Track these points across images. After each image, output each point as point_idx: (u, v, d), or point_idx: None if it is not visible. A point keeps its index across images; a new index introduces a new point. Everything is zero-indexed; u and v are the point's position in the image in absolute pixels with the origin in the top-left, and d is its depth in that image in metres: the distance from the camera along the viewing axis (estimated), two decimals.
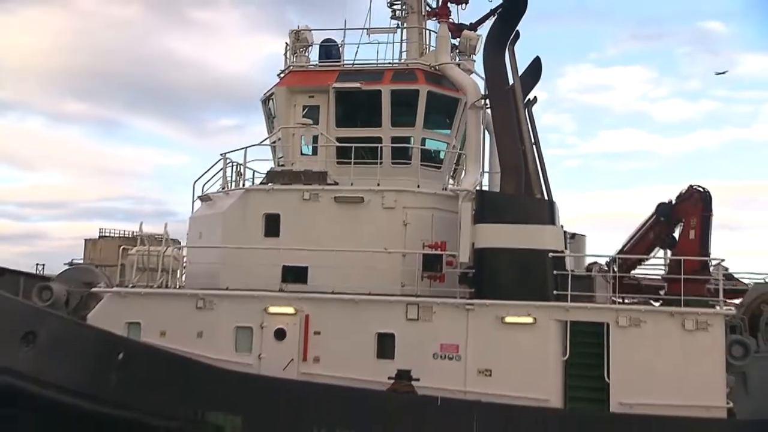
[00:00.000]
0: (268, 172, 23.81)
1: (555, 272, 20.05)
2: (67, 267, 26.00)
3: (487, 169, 24.15)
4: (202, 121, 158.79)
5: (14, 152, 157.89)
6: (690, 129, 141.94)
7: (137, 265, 22.40)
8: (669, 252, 21.56)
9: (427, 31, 25.69)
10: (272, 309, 20.70)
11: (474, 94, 22.74)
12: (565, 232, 22.53)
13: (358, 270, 20.75)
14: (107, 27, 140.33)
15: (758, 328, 20.73)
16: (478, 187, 21.81)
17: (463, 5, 25.01)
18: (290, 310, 20.63)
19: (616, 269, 21.10)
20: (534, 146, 22.55)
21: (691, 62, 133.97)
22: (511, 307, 19.69)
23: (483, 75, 23.46)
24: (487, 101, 22.34)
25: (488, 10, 25.52)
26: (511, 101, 21.72)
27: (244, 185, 23.77)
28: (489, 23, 25.40)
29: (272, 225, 22.28)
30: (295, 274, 21.43)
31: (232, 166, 24.47)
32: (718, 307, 19.48)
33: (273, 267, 21.39)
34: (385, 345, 20.13)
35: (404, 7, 25.85)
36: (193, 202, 24.60)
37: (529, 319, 19.61)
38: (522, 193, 20.91)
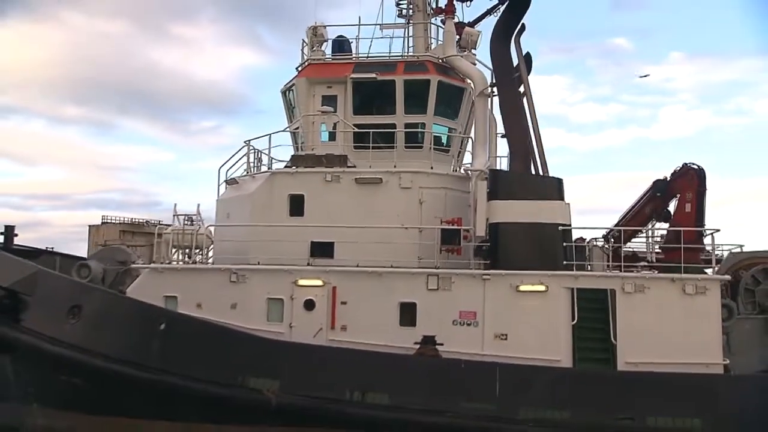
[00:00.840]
0: (292, 156, 22.93)
1: (564, 244, 19.57)
2: (101, 247, 24.97)
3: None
4: (185, 122, 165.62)
5: (18, 151, 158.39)
6: (601, 128, 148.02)
7: (172, 243, 21.44)
8: (659, 225, 21.25)
9: (432, 27, 24.93)
10: (302, 282, 19.94)
11: (481, 83, 22.25)
12: None
13: (378, 245, 20.04)
14: (97, 40, 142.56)
15: (737, 292, 20.40)
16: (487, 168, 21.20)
17: (468, 3, 24.40)
18: (318, 282, 19.89)
19: (613, 241, 20.75)
20: None
21: (602, 72, 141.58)
22: (525, 277, 19.14)
23: (485, 67, 23.00)
24: (495, 89, 21.73)
25: (484, 10, 25.34)
26: (517, 87, 21.17)
27: (270, 168, 22.87)
28: (485, 21, 25.06)
29: (297, 205, 21.48)
30: (322, 249, 20.62)
31: (254, 152, 23.63)
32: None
33: (300, 243, 20.57)
34: (408, 313, 19.46)
35: (410, 5, 25.14)
36: (218, 186, 23.65)
37: (542, 287, 19.09)
38: (530, 172, 20.40)
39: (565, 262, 19.51)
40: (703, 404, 17.17)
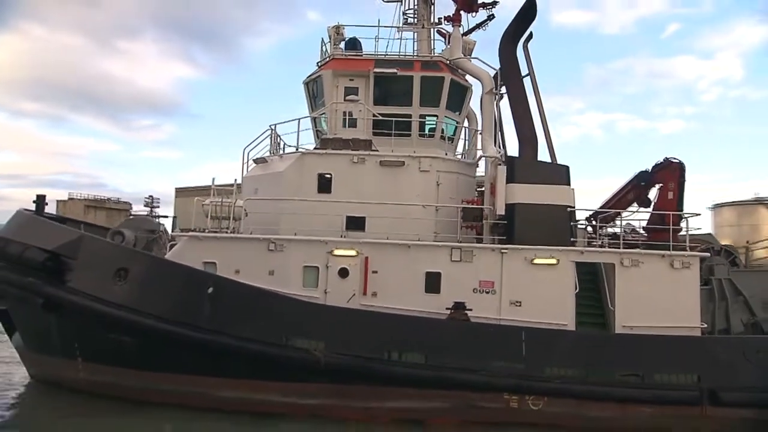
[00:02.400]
0: (321, 139, 20.56)
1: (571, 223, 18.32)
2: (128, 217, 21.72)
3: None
4: (128, 120, 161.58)
5: None
6: None
7: (211, 214, 18.66)
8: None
9: (435, 35, 23.14)
10: (337, 252, 17.77)
11: (489, 82, 20.63)
12: None
13: (400, 221, 18.20)
14: (55, 50, 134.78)
15: None
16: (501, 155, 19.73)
17: (474, 14, 22.55)
18: (353, 252, 17.75)
19: (595, 222, 19.73)
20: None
21: None
22: (539, 251, 17.72)
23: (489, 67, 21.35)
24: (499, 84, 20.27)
25: (474, 24, 23.68)
26: (523, 83, 19.63)
27: (297, 149, 20.40)
28: (474, 33, 23.38)
29: (325, 183, 19.24)
30: (355, 223, 18.51)
31: (274, 135, 21.07)
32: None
33: (331, 217, 18.38)
34: (432, 282, 17.65)
35: (416, 15, 23.24)
36: (243, 164, 20.74)
37: (553, 261, 17.72)
38: (538, 159, 19.00)
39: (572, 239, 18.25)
40: (700, 361, 16.28)
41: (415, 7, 23.28)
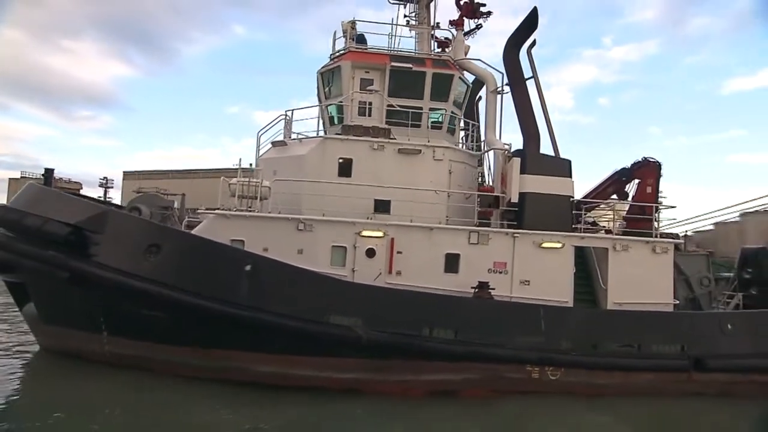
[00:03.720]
0: (342, 125, 18.77)
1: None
2: (137, 194, 18.99)
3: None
4: (69, 110, 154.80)
5: None
6: None
7: (238, 193, 16.47)
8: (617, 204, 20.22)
9: (434, 36, 21.90)
10: (365, 233, 16.30)
11: (492, 82, 19.71)
12: None
13: (417, 205, 17.03)
14: (1, 44, 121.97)
15: None
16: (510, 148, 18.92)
17: (475, 20, 21.46)
18: (380, 234, 16.35)
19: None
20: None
21: None
22: (546, 236, 17.10)
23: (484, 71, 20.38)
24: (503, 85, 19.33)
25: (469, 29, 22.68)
26: (526, 85, 18.82)
27: (318, 134, 18.54)
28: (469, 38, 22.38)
29: (345, 168, 17.64)
30: (382, 206, 17.13)
31: (286, 119, 19.18)
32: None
33: (355, 199, 16.92)
34: (451, 262, 16.62)
35: (417, 17, 21.89)
36: (257, 147, 19.04)
37: (558, 245, 17.15)
38: (542, 153, 18.30)
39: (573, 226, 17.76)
40: (684, 333, 16.29)
41: (416, 10, 21.99)
